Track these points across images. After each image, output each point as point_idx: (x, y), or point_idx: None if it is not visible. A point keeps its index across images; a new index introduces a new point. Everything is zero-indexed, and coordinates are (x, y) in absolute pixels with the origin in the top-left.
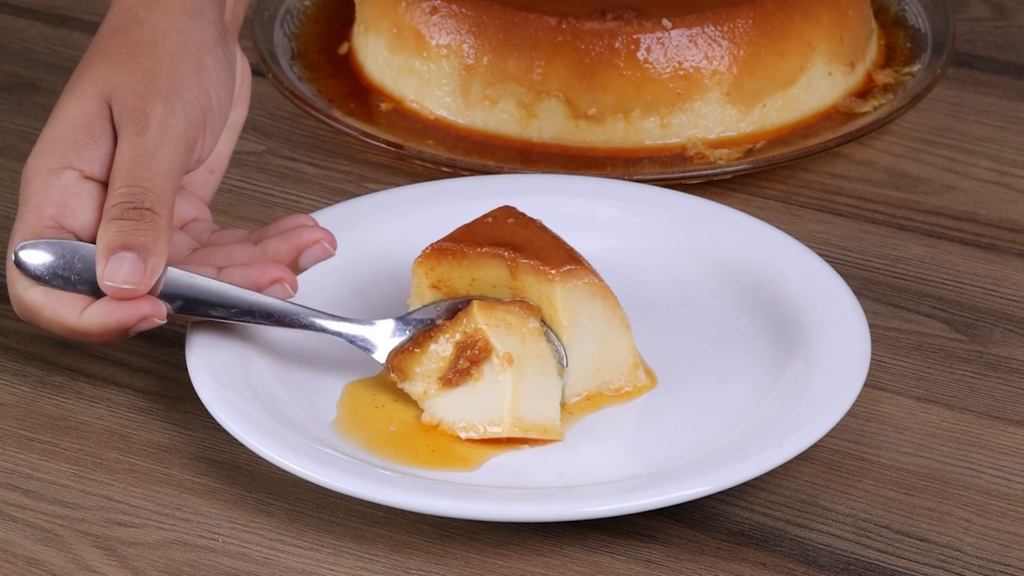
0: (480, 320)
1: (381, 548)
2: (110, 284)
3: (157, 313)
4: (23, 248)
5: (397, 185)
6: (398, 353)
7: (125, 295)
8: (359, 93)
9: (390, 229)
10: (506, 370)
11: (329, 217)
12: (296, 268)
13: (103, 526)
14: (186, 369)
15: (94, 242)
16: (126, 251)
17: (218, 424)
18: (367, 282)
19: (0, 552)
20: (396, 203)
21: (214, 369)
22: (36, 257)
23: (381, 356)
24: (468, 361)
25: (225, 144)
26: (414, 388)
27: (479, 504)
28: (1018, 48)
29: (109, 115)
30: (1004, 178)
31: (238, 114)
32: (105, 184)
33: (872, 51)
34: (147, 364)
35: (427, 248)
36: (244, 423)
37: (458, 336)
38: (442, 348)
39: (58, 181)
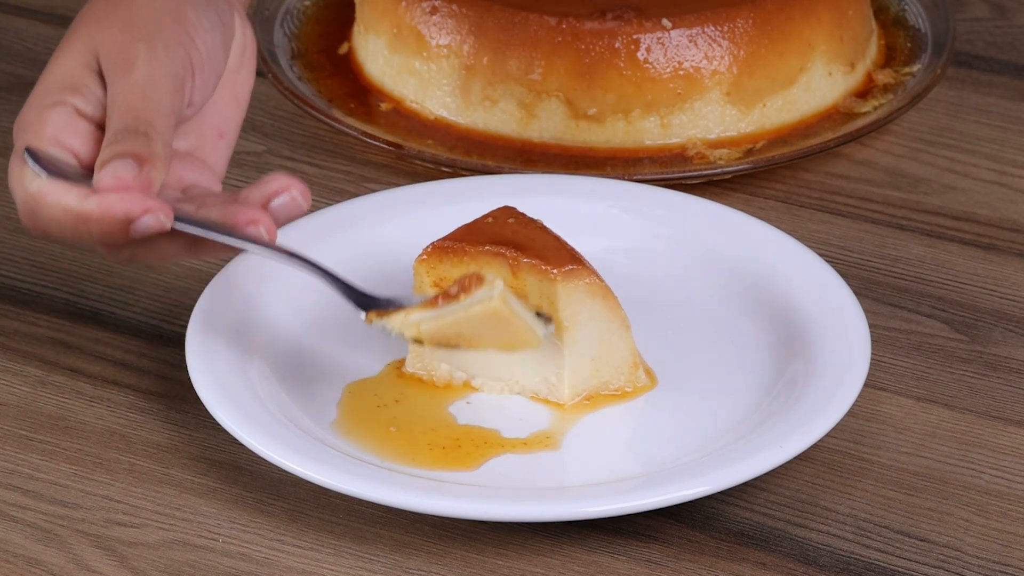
0: (475, 268)
1: (381, 548)
2: (103, 175)
3: (164, 210)
4: (30, 148)
5: (397, 185)
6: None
7: (119, 184)
8: (359, 93)
9: (390, 229)
10: (496, 284)
11: (329, 217)
12: None
13: (103, 526)
14: (186, 369)
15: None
16: (122, 158)
17: (218, 424)
18: (367, 282)
19: (0, 552)
20: (396, 203)
21: (214, 369)
22: (43, 154)
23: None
24: (458, 287)
25: (234, 112)
26: (392, 321)
27: (479, 504)
28: (1018, 48)
29: (96, 67)
30: (1004, 178)
31: (243, 82)
32: (97, 123)
33: (872, 51)
34: (147, 364)
35: (428, 247)
36: (244, 423)
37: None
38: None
39: (53, 112)
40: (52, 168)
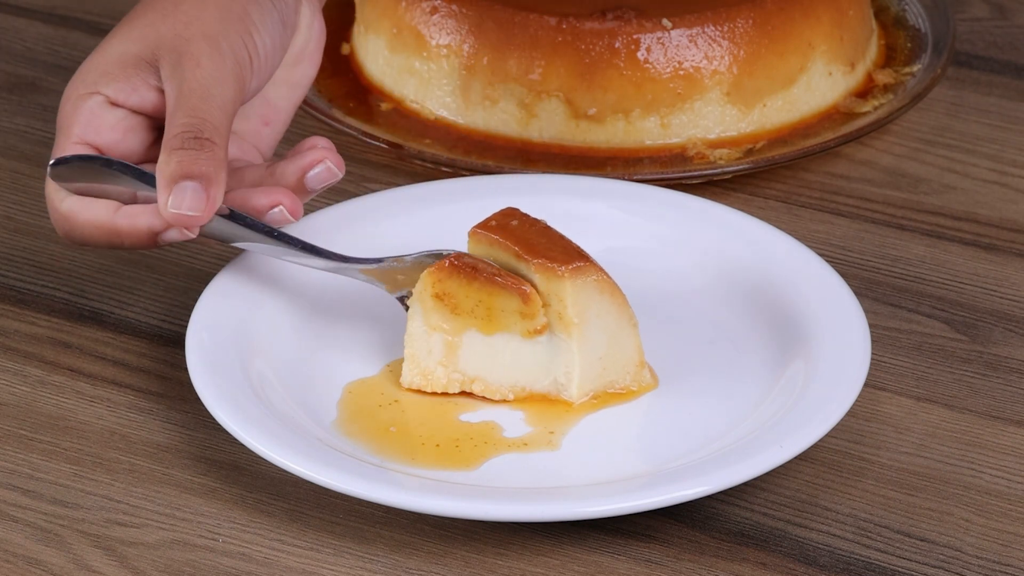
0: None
1: (381, 548)
2: (174, 212)
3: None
4: (56, 164)
5: (397, 185)
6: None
7: (188, 223)
8: (359, 93)
9: (390, 229)
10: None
11: (329, 217)
12: (305, 191)
13: (103, 526)
14: (186, 369)
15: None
16: (188, 180)
17: (218, 424)
18: (367, 282)
19: (0, 552)
20: (396, 203)
21: (214, 369)
22: (68, 170)
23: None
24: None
25: (285, 100)
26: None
27: (479, 504)
28: (1018, 48)
29: (151, 58)
30: (1004, 178)
31: (303, 73)
32: (131, 111)
33: (872, 51)
34: (147, 364)
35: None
36: (244, 423)
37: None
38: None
39: (85, 104)
40: (76, 182)
